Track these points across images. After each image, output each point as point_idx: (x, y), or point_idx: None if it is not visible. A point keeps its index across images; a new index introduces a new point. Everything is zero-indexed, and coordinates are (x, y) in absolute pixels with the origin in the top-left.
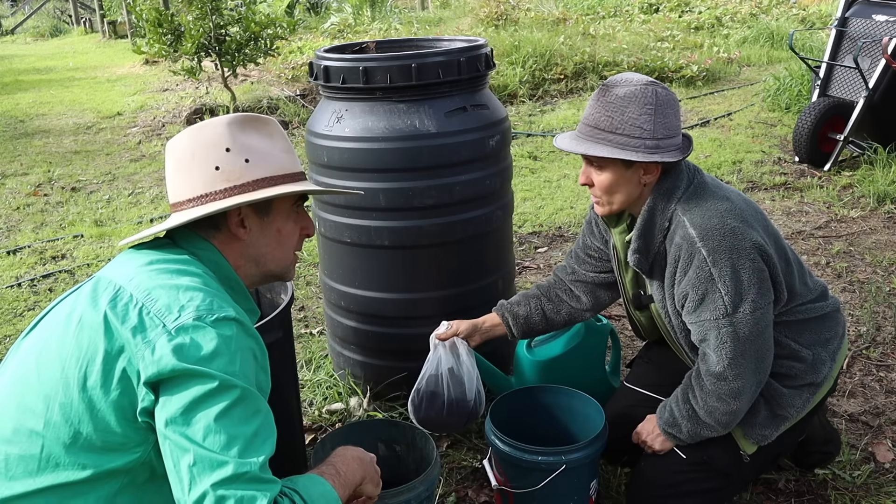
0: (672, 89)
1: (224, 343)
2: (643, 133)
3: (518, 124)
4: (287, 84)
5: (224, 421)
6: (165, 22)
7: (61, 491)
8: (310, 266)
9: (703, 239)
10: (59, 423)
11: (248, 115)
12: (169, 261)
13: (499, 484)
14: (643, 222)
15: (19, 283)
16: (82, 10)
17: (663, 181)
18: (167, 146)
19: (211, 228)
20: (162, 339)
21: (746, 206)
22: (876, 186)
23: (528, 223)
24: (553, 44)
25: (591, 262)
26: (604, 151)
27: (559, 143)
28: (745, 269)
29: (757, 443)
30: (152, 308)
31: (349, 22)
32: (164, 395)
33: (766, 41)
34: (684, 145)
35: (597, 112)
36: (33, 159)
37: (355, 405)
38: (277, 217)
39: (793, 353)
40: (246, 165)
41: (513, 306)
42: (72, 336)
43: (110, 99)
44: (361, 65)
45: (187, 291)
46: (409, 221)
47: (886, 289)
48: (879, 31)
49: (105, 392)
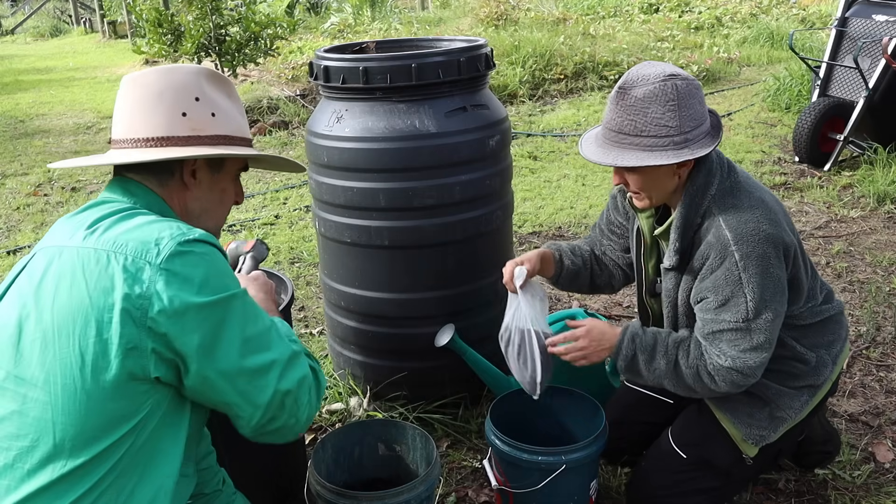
0: None
1: (209, 261)
2: (669, 131)
3: (518, 124)
4: (287, 84)
5: (248, 329)
6: (165, 22)
7: (80, 471)
8: (310, 266)
9: (737, 242)
10: (67, 403)
11: (212, 70)
12: (115, 212)
13: (499, 484)
14: (681, 224)
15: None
16: (82, 10)
17: (696, 176)
18: (127, 78)
19: (165, 173)
20: (155, 278)
21: (779, 208)
22: (876, 186)
23: (528, 223)
24: (553, 44)
25: (613, 238)
26: (632, 160)
27: (587, 154)
28: (773, 276)
29: (756, 444)
30: (128, 253)
31: (349, 22)
32: (179, 337)
33: (766, 41)
34: (714, 129)
35: (618, 116)
36: (33, 159)
37: (355, 405)
38: (225, 177)
39: (797, 355)
40: (212, 119)
41: (567, 252)
42: (48, 311)
43: (110, 99)
44: (361, 65)
45: (152, 225)
46: (409, 221)
47: (886, 289)
48: (879, 31)
49: (105, 359)
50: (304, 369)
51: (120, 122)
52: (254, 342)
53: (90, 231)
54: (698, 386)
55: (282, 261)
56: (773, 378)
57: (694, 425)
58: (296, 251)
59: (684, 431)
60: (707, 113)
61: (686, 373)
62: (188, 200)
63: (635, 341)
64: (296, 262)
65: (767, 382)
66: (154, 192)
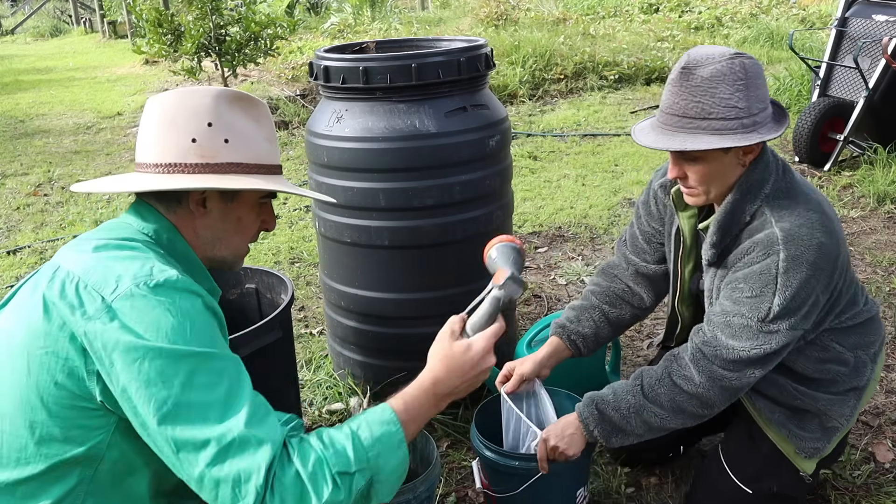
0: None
1: (168, 310)
2: (739, 113)
3: (518, 124)
4: (287, 84)
5: (189, 394)
6: (165, 22)
7: (27, 485)
8: (310, 266)
9: (785, 243)
10: (15, 415)
11: (240, 92)
12: (112, 238)
13: (483, 487)
14: (724, 217)
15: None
16: (82, 10)
17: (751, 171)
18: (150, 100)
19: (173, 201)
20: (101, 313)
21: (834, 215)
22: (876, 186)
23: (528, 223)
24: (553, 44)
25: (650, 248)
26: (703, 143)
27: (643, 140)
28: (810, 288)
29: (810, 457)
30: (89, 282)
31: (349, 22)
32: (114, 375)
33: (766, 41)
34: (777, 114)
35: (682, 99)
36: (33, 159)
37: (355, 405)
38: (241, 206)
39: (837, 357)
40: (224, 146)
41: (575, 325)
42: (17, 324)
43: (110, 99)
44: (361, 65)
45: (124, 262)
46: (409, 221)
47: (886, 289)
48: (879, 31)
49: (50, 377)
50: (249, 463)
51: (139, 145)
52: (193, 404)
53: (83, 251)
54: (681, 398)
55: (282, 261)
56: (816, 387)
57: (750, 452)
58: (296, 251)
59: (741, 461)
60: (769, 96)
61: (661, 391)
62: (199, 228)
63: (593, 401)
64: (296, 262)
65: (813, 393)
66: (166, 218)
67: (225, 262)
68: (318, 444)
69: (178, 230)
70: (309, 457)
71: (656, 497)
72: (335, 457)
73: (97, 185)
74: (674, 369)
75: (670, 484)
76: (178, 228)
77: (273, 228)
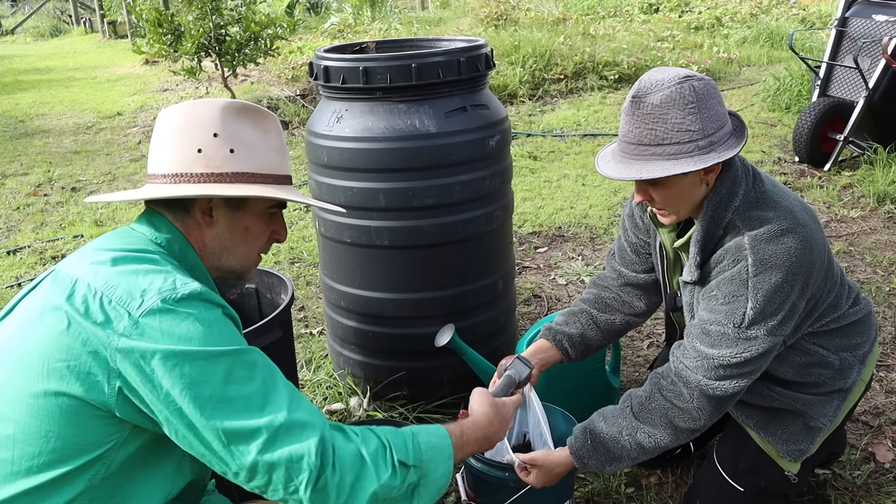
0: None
1: (195, 320)
2: (693, 136)
3: (518, 124)
4: (287, 84)
5: (230, 389)
6: (165, 22)
7: (37, 492)
8: (310, 266)
9: (753, 248)
10: (29, 425)
11: (248, 104)
12: (128, 250)
13: (468, 498)
14: (702, 238)
15: (19, 283)
16: (82, 10)
17: (719, 187)
18: (161, 113)
19: (181, 210)
20: (130, 329)
21: (809, 218)
22: (876, 186)
23: (528, 223)
24: (553, 44)
25: (639, 259)
26: (659, 171)
27: (605, 171)
28: (784, 293)
29: (796, 459)
30: (113, 296)
31: (349, 22)
32: (157, 383)
33: (766, 41)
34: (737, 130)
35: (636, 127)
36: (33, 159)
37: (355, 405)
38: (248, 215)
39: (821, 360)
40: (229, 155)
41: (562, 327)
42: (32, 334)
43: (110, 99)
44: (361, 65)
45: (147, 275)
46: (409, 221)
47: (886, 289)
48: (879, 31)
49: (70, 389)
50: (300, 445)
51: (150, 156)
52: (235, 399)
53: (101, 263)
54: (673, 413)
55: (282, 261)
56: (800, 389)
57: (742, 450)
58: (296, 251)
59: (732, 459)
60: (726, 113)
61: (653, 407)
62: (206, 238)
63: (586, 431)
64: (296, 262)
65: (794, 394)
66: (175, 228)
67: (234, 272)
68: (381, 433)
69: (186, 239)
70: (371, 441)
71: (656, 497)
72: (397, 447)
73: (109, 196)
74: (663, 385)
75: (670, 484)
76: (186, 237)
77: (284, 239)
